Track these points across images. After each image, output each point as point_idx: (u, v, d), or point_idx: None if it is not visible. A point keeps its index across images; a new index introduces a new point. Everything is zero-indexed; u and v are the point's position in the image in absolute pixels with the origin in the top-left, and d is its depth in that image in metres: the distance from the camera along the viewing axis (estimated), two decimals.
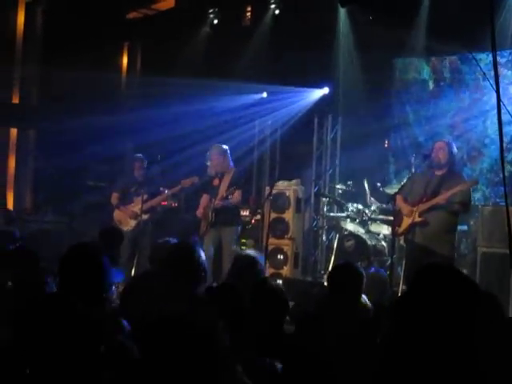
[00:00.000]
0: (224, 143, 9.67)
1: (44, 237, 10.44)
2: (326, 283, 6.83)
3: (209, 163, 9.48)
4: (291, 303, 9.01)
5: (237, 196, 9.20)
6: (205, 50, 12.05)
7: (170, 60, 11.91)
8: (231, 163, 9.44)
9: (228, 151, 9.44)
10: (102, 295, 3.85)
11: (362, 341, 4.09)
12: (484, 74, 6.97)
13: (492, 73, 4.79)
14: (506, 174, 10.41)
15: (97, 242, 7.26)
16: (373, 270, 7.98)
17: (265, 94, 12.20)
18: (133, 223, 10.00)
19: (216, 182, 9.35)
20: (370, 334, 4.31)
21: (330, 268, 9.65)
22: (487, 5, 5.58)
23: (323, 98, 11.91)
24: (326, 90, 11.79)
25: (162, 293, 5.15)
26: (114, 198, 10.28)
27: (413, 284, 2.78)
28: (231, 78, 11.51)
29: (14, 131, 11.82)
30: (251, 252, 6.18)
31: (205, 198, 9.47)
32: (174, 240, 6.62)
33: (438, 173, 7.86)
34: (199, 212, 9.46)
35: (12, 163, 11.77)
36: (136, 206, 9.94)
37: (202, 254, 5.21)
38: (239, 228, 9.58)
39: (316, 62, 11.16)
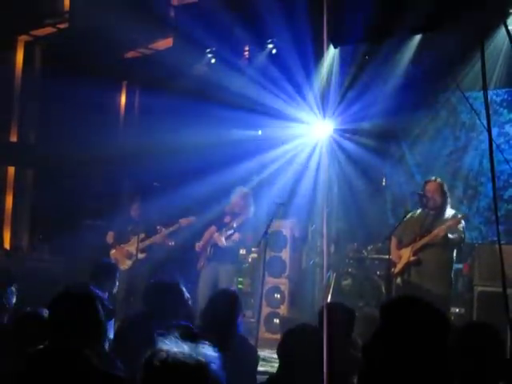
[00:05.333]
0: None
1: (41, 275, 10.38)
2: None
3: (230, 202, 9.75)
4: None
5: (235, 237, 9.39)
6: (202, 89, 12.07)
7: (168, 99, 11.95)
8: (251, 208, 9.66)
9: (249, 196, 9.75)
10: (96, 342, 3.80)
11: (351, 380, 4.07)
12: (476, 113, 6.98)
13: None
14: (504, 211, 10.43)
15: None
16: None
17: (260, 132, 12.23)
18: (129, 263, 9.98)
19: (227, 219, 9.61)
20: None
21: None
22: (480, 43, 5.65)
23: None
24: (329, 127, 11.75)
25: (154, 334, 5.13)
26: (110, 236, 10.28)
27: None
28: (229, 116, 11.56)
29: (11, 169, 11.83)
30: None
31: (211, 229, 9.69)
32: (167, 279, 6.61)
33: (432, 212, 7.89)
34: (198, 246, 9.66)
35: (9, 201, 11.75)
36: (132, 245, 9.91)
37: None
38: (236, 267, 9.65)
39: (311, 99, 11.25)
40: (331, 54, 10.94)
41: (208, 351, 2.60)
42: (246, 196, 9.75)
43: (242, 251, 10.83)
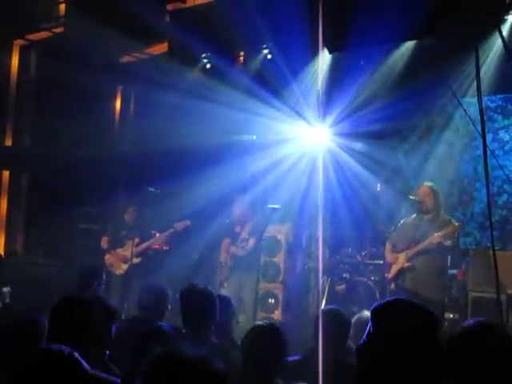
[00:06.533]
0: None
1: (35, 279, 10.37)
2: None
3: (233, 210, 10.18)
4: None
5: (251, 244, 9.75)
6: (197, 93, 12.07)
7: (163, 103, 11.95)
8: (253, 213, 10.09)
9: (250, 202, 10.18)
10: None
11: None
12: (470, 118, 6.99)
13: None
14: (498, 217, 10.45)
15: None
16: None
17: (254, 137, 12.24)
18: (124, 267, 9.99)
19: (238, 228, 10.09)
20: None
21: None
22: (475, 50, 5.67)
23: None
24: (324, 132, 11.77)
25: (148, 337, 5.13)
26: (104, 241, 10.28)
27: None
28: (224, 121, 11.56)
29: (6, 173, 11.80)
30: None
31: (226, 243, 10.13)
32: (161, 284, 6.63)
33: (427, 217, 7.91)
34: (223, 257, 10.16)
35: (4, 205, 11.72)
36: (127, 250, 9.91)
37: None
38: (259, 273, 9.92)
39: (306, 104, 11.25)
40: (326, 59, 10.92)
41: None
42: (247, 203, 10.14)
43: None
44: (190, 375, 2.40)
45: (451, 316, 9.15)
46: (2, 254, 11.11)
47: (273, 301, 10.69)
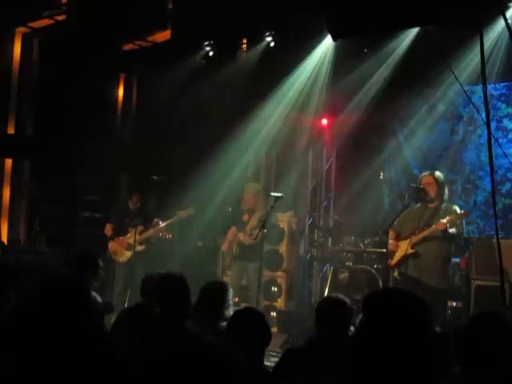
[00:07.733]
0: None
1: (37, 268, 10.35)
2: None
3: (244, 198, 9.95)
4: (285, 335, 9.00)
5: (261, 236, 9.22)
6: (200, 81, 12.03)
7: (165, 91, 11.94)
8: (263, 202, 9.83)
9: (261, 191, 9.96)
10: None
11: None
12: (474, 106, 6.98)
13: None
14: (501, 206, 10.42)
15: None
16: None
17: (257, 124, 12.21)
18: (128, 254, 9.99)
19: (246, 216, 9.83)
20: None
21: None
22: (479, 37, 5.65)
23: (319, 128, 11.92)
24: (326, 119, 11.77)
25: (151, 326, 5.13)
26: (108, 229, 10.27)
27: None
28: (226, 108, 11.55)
29: (8, 161, 11.79)
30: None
31: (232, 231, 9.97)
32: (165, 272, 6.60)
33: (431, 205, 7.90)
34: (224, 246, 10.07)
35: (6, 193, 11.72)
36: (131, 238, 9.91)
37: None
38: (264, 263, 9.85)
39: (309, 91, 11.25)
40: (329, 46, 10.88)
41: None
42: (258, 192, 9.92)
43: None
44: (211, 362, 2.40)
45: (454, 304, 9.15)
46: (6, 242, 11.14)
47: (276, 289, 10.71)
